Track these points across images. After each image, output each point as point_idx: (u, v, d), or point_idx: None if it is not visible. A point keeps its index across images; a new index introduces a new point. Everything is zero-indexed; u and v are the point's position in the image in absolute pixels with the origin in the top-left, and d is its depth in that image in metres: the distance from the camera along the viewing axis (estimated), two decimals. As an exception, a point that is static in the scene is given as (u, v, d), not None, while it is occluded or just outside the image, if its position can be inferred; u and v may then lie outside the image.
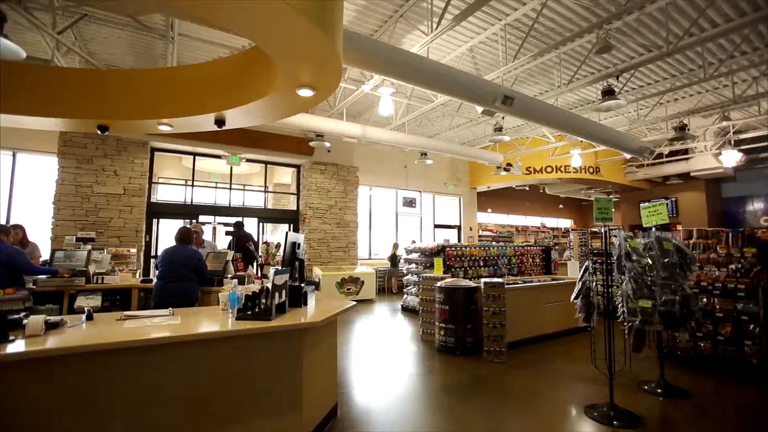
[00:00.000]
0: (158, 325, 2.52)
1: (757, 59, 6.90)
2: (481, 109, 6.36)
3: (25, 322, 2.25)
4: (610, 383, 3.45)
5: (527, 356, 5.05)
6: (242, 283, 4.55)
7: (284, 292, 2.99)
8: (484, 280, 5.17)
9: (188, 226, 4.84)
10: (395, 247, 11.39)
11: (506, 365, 4.67)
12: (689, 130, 9.06)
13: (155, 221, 8.91)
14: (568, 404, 3.69)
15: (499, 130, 8.51)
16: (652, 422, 3.29)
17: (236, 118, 4.82)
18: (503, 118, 8.68)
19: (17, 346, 2.04)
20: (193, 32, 6.17)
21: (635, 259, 3.75)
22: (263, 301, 2.85)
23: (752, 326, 4.31)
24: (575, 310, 3.94)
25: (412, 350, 5.43)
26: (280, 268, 3.20)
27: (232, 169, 10.11)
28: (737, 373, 4.36)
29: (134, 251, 6.98)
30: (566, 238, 13.38)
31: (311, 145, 9.25)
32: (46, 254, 5.34)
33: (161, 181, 10.02)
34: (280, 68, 3.48)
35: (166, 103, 4.64)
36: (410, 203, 13.58)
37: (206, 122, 4.87)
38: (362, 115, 10.44)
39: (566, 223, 20.66)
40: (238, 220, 7.73)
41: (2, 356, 1.94)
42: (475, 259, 8.23)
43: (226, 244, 7.70)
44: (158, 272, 4.01)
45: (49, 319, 2.40)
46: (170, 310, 2.93)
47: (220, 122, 4.79)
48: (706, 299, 4.68)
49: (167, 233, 8.83)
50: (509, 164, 11.83)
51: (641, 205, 4.34)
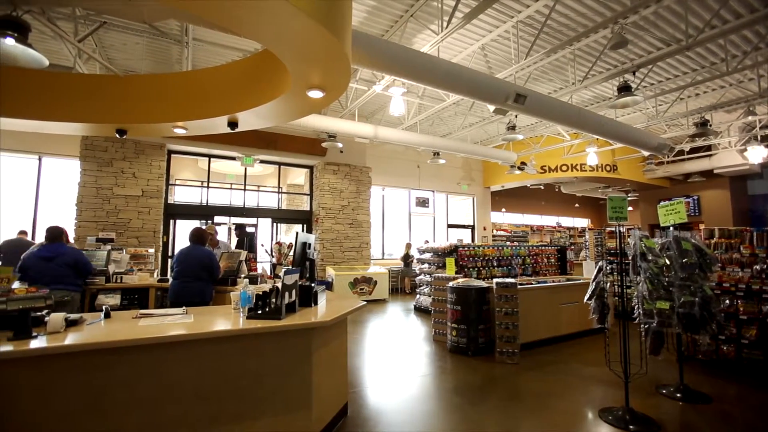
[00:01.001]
0: (172, 323, 2.58)
1: (783, 51, 6.64)
2: (493, 107, 6.30)
3: (46, 319, 2.34)
4: (625, 386, 3.38)
5: (541, 358, 4.98)
6: (254, 282, 4.62)
7: (294, 291, 3.02)
8: (496, 280, 5.11)
9: (202, 227, 4.93)
10: (408, 247, 11.37)
11: (519, 366, 4.61)
12: (711, 125, 8.77)
13: (172, 222, 9.12)
14: (582, 407, 3.62)
15: (512, 128, 8.41)
16: (670, 427, 3.20)
17: (249, 120, 4.90)
18: (516, 116, 8.57)
19: (39, 342, 2.13)
20: (207, 37, 6.30)
21: (651, 259, 3.65)
22: (273, 300, 2.89)
23: (778, 329, 4.15)
24: (589, 311, 3.86)
25: (423, 350, 5.42)
26: (290, 267, 3.23)
27: (246, 170, 10.26)
28: (763, 378, 4.20)
29: (152, 251, 7.17)
30: (582, 237, 13.12)
31: (324, 145, 9.31)
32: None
33: (178, 182, 10.25)
34: (290, 70, 3.52)
35: (180, 106, 4.75)
36: (423, 203, 13.54)
37: (220, 124, 4.97)
38: (374, 115, 10.46)
39: (583, 222, 20.26)
40: (239, 222, 7.86)
41: (26, 351, 2.03)
42: (488, 259, 8.15)
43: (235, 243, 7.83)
44: (173, 272, 4.10)
45: (68, 316, 2.49)
46: (184, 309, 2.99)
47: (233, 124, 4.88)
48: (728, 301, 4.52)
49: (184, 234, 9.02)
50: (523, 163, 11.67)
51: (659, 204, 4.22)
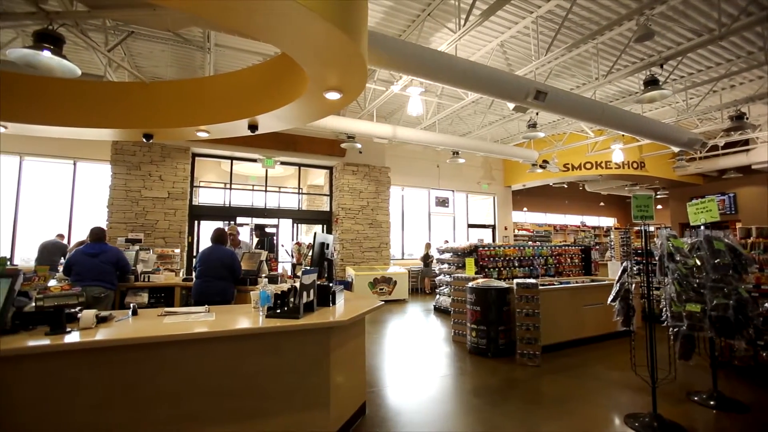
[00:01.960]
0: (194, 321, 2.66)
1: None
2: (512, 105, 6.19)
3: (79, 315, 2.46)
4: (652, 391, 3.25)
5: (563, 360, 4.86)
6: (274, 282, 4.70)
7: (312, 291, 3.05)
8: (516, 280, 5.03)
9: (224, 227, 5.07)
10: (428, 247, 11.32)
11: (541, 369, 4.52)
12: (748, 118, 8.33)
13: (196, 223, 9.40)
14: (607, 412, 3.51)
15: (533, 126, 8.24)
16: (701, 435, 3.07)
17: (268, 122, 4.99)
18: (537, 114, 8.39)
19: (73, 337, 2.26)
20: (228, 42, 6.46)
21: (679, 259, 3.50)
22: (292, 300, 2.94)
23: (821, 334, 3.90)
24: (613, 313, 3.74)
25: (443, 351, 5.38)
26: (309, 267, 3.28)
27: (267, 172, 10.46)
28: (804, 385, 3.97)
29: (178, 251, 7.41)
30: (608, 237, 12.71)
31: (343, 146, 9.40)
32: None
33: (202, 184, 10.55)
34: (307, 73, 3.57)
35: (203, 110, 4.89)
36: (443, 203, 13.45)
37: (240, 128, 5.09)
38: (393, 115, 10.47)
39: (608, 221, 19.63)
40: (259, 223, 8.03)
41: (61, 345, 2.16)
42: (509, 259, 8.00)
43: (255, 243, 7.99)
44: (196, 272, 4.23)
45: (99, 313, 2.61)
46: (206, 307, 3.08)
47: (253, 127, 4.99)
48: None
49: (208, 234, 9.28)
50: (545, 161, 11.42)
51: (689, 202, 4.05)
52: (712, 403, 3.58)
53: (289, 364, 2.67)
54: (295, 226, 10.96)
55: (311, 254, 4.58)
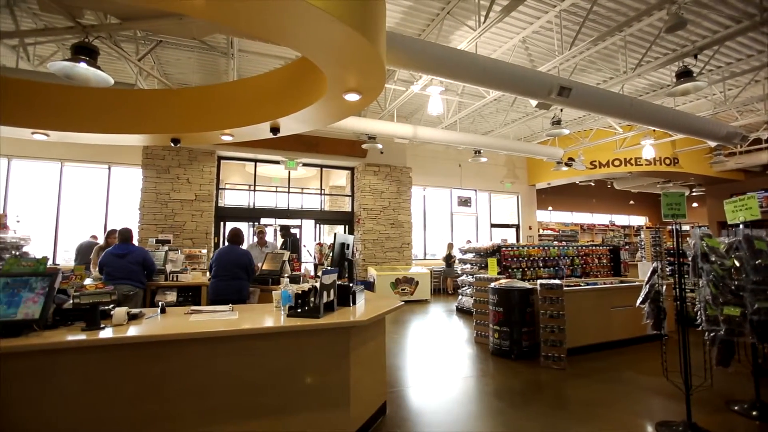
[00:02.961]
0: (218, 319, 2.74)
1: None
2: (535, 102, 6.05)
3: (111, 313, 2.59)
4: (686, 399, 3.10)
5: (590, 364, 4.71)
6: (296, 282, 4.77)
7: (332, 291, 3.09)
8: (540, 281, 4.91)
9: (251, 227, 5.18)
10: (450, 247, 11.23)
11: (566, 372, 4.39)
12: (793, 110, 7.82)
13: (222, 224, 9.67)
14: (636, 419, 3.37)
15: (557, 123, 8.02)
16: (740, 446, 2.91)
17: (289, 125, 5.09)
18: (561, 110, 8.17)
19: (106, 332, 2.38)
20: (250, 47, 6.62)
21: (714, 260, 3.32)
22: (312, 299, 2.98)
23: None
24: (643, 315, 3.59)
25: (465, 352, 5.32)
26: (329, 268, 3.32)
27: (290, 173, 10.65)
28: None
29: (204, 251, 7.65)
30: (638, 237, 12.22)
31: (364, 147, 9.45)
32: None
33: (227, 186, 10.85)
34: (326, 75, 3.62)
35: (226, 114, 5.04)
36: (465, 202, 13.30)
37: (263, 130, 5.21)
38: (413, 115, 10.44)
39: (639, 220, 18.87)
40: (283, 224, 8.18)
41: (96, 340, 2.28)
42: (533, 259, 7.84)
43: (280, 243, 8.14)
44: (212, 271, 4.35)
45: (130, 311, 2.74)
46: (230, 306, 3.17)
47: (274, 130, 5.09)
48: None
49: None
50: (571, 159, 11.10)
51: (727, 199, 3.84)
52: (754, 413, 3.38)
53: (309, 362, 2.71)
54: (317, 226, 11.11)
55: (332, 255, 4.62)
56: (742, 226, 3.62)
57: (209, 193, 9.11)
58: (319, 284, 2.94)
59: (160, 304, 3.05)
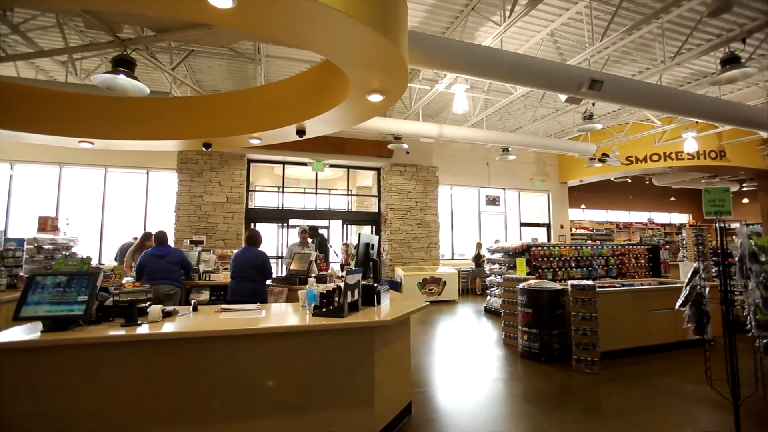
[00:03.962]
0: (246, 318, 2.83)
1: None
2: (564, 97, 5.85)
3: (148, 310, 2.73)
4: (735, 410, 2.90)
5: (626, 369, 4.50)
6: (323, 282, 4.85)
7: (357, 291, 3.11)
8: (571, 282, 4.74)
9: (281, 227, 5.29)
10: (479, 246, 11.05)
11: (599, 377, 4.22)
12: None
13: (252, 225, 9.96)
14: (677, 429, 3.18)
15: (589, 118, 7.72)
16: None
17: (315, 127, 5.17)
18: (594, 104, 7.85)
19: (143, 329, 2.51)
20: (277, 52, 6.79)
21: (765, 260, 3.09)
22: (337, 299, 3.02)
23: None
24: (683, 319, 3.40)
25: (493, 354, 5.22)
26: (353, 268, 3.35)
27: (317, 174, 10.82)
28: None
29: (235, 251, 7.89)
30: (680, 235, 11.55)
31: (389, 147, 9.46)
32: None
33: (257, 189, 11.17)
34: (349, 77, 3.65)
35: (254, 118, 5.19)
36: (493, 201, 13.05)
37: (289, 133, 5.32)
38: (439, 114, 10.35)
39: (681, 218, 17.83)
40: (312, 224, 8.33)
41: (133, 336, 2.42)
42: (565, 259, 7.58)
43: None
44: (231, 272, 4.48)
45: (165, 308, 2.88)
46: (258, 305, 3.26)
47: (300, 132, 5.19)
48: None
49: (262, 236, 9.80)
50: (604, 155, 10.65)
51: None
52: (810, 426, 3.12)
53: (334, 361, 2.74)
54: (344, 227, 11.22)
55: (357, 255, 4.66)
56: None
57: (240, 195, 9.42)
58: (343, 284, 2.97)
59: (192, 302, 3.18)
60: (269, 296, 4.79)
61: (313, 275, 5.18)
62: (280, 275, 5.72)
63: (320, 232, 7.49)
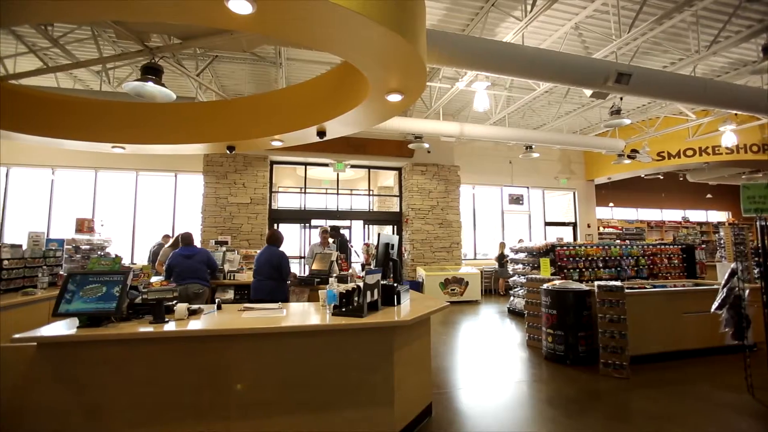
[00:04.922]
0: (267, 316, 2.89)
1: None
2: (590, 92, 5.66)
3: (174, 308, 2.82)
4: (775, 418, 2.73)
5: (657, 374, 4.30)
6: (344, 281, 4.88)
7: (376, 291, 3.11)
8: (598, 283, 4.58)
9: (304, 228, 5.37)
10: (502, 246, 10.85)
11: (629, 382, 4.05)
12: None
13: (275, 225, 10.15)
14: (712, 437, 3.03)
15: (616, 113, 7.43)
16: None
17: (335, 128, 5.22)
18: (621, 99, 7.56)
19: (170, 326, 2.61)
20: (298, 55, 6.90)
21: (810, 260, 2.89)
22: (356, 299, 3.03)
23: None
24: (720, 323, 3.22)
25: (516, 356, 5.12)
26: (372, 268, 3.35)
27: (338, 175, 10.91)
28: None
29: (259, 251, 8.05)
30: (718, 234, 10.96)
31: (410, 147, 9.42)
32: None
33: (280, 190, 11.37)
34: (368, 77, 3.66)
35: (276, 121, 5.29)
36: (517, 200, 12.79)
37: (310, 135, 5.39)
38: (461, 112, 10.24)
39: (719, 216, 16.90)
40: (333, 225, 8.40)
41: (161, 333, 2.52)
42: (592, 259, 7.32)
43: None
44: (253, 272, 4.57)
45: (190, 306, 2.97)
46: (279, 304, 3.32)
47: (321, 133, 5.25)
48: None
49: (285, 236, 9.97)
50: (634, 151, 10.24)
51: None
52: None
53: (353, 360, 2.76)
54: (366, 227, 11.26)
55: (377, 254, 4.67)
56: None
57: (263, 196, 9.62)
58: (362, 284, 2.98)
59: (216, 300, 3.27)
60: (291, 296, 4.87)
61: (334, 275, 5.24)
62: (302, 275, 5.81)
63: (341, 232, 7.55)
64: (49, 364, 2.38)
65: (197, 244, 7.66)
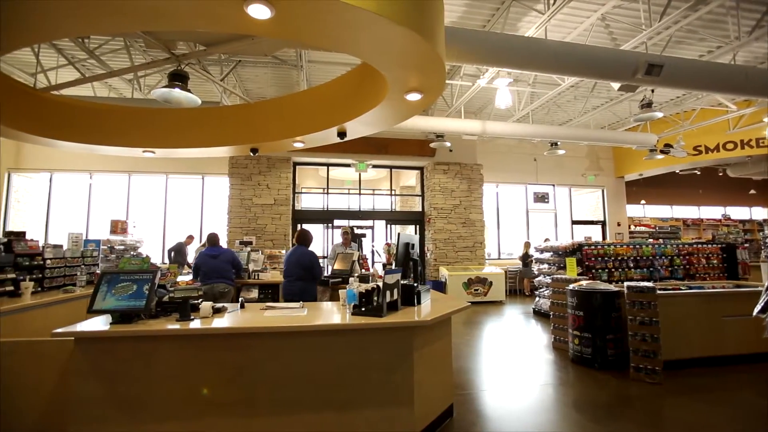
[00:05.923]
0: (288, 315, 2.93)
1: None
2: (617, 85, 5.44)
3: (199, 307, 2.91)
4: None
5: (693, 380, 4.08)
6: (365, 281, 4.90)
7: (396, 290, 3.11)
8: (627, 283, 4.40)
9: (327, 228, 5.44)
10: (527, 246, 10.61)
11: (662, 388, 3.87)
12: None
13: (299, 226, 10.30)
14: (754, 448, 2.85)
15: (647, 106, 7.10)
16: None
17: (355, 128, 5.24)
18: (653, 91, 7.23)
19: (195, 323, 2.70)
20: (319, 57, 6.97)
21: None
22: (376, 298, 3.03)
23: None
24: (763, 327, 3.03)
25: (541, 358, 4.99)
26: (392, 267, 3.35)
27: (360, 175, 10.97)
28: None
29: (283, 251, 8.22)
30: (763, 232, 10.33)
31: (432, 146, 9.35)
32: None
33: (303, 190, 11.54)
34: (386, 77, 3.66)
35: (297, 122, 5.37)
36: (542, 198, 12.47)
37: (331, 135, 5.44)
38: (483, 110, 10.08)
39: (764, 213, 15.88)
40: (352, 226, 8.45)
41: (187, 330, 2.61)
42: (622, 259, 7.04)
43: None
44: (283, 272, 4.63)
45: (215, 305, 3.05)
46: (300, 303, 3.37)
47: (342, 134, 5.28)
48: None
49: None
50: (668, 145, 9.77)
51: None
52: None
53: (373, 360, 2.76)
54: (388, 227, 11.26)
55: (397, 254, 4.66)
56: None
57: (286, 197, 9.79)
58: (382, 283, 2.98)
59: (240, 299, 3.35)
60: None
61: (355, 275, 5.27)
62: (326, 275, 5.87)
63: (357, 233, 7.58)
64: (85, 357, 2.50)
65: (223, 244, 7.84)
